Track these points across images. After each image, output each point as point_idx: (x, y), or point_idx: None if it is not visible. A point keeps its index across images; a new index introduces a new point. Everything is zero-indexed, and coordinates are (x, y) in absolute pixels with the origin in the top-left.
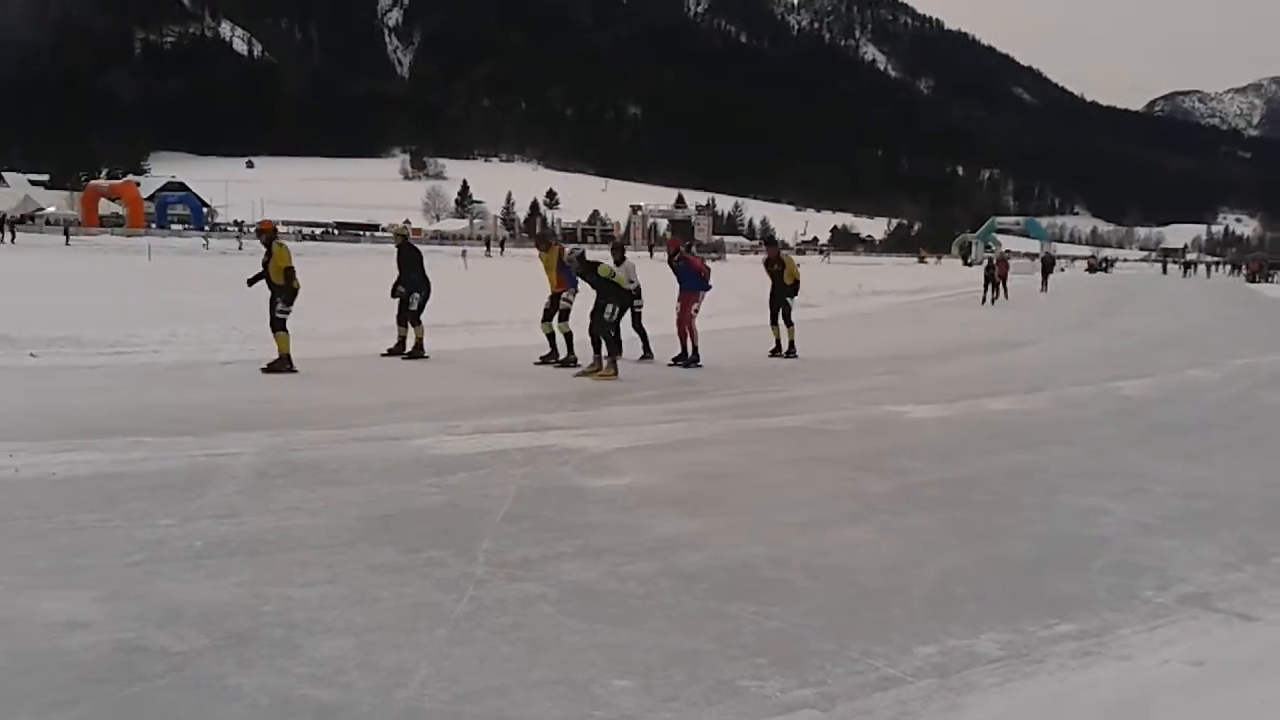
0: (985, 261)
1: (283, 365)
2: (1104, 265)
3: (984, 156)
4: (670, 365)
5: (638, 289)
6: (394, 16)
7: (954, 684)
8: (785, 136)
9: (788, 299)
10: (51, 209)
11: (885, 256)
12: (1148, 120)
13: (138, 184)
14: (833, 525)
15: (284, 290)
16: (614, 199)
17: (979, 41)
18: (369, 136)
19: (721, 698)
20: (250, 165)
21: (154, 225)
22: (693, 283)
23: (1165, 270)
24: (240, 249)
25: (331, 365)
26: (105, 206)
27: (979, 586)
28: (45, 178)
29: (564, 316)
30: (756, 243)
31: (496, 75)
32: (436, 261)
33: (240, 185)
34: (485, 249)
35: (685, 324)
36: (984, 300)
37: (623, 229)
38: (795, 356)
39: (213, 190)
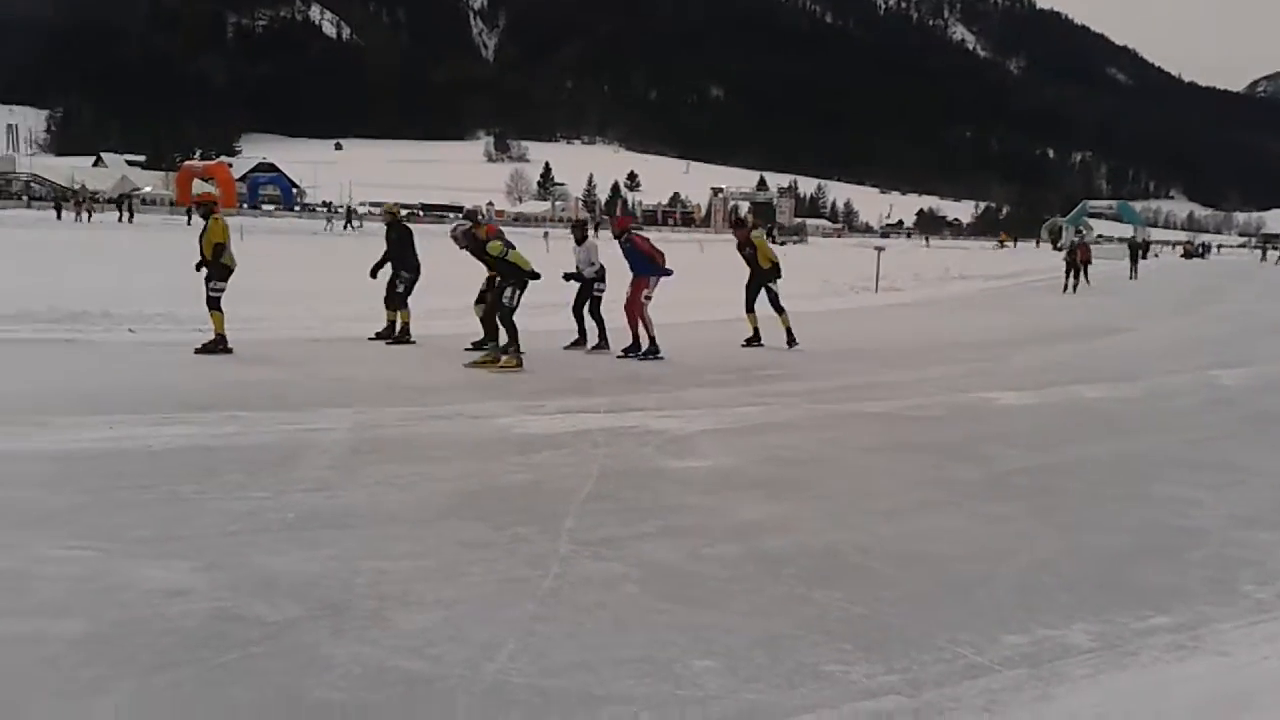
0: (1068, 246)
1: (217, 346)
2: (1200, 251)
3: (1076, 139)
4: (620, 357)
5: (600, 272)
6: (480, 0)
7: (1044, 674)
8: (870, 118)
9: (769, 284)
10: (148, 189)
11: (973, 240)
12: (1249, 101)
13: (230, 165)
14: (919, 512)
15: (214, 266)
16: (695, 181)
17: (1071, 20)
18: (454, 119)
19: (805, 681)
20: (338, 147)
21: (245, 205)
22: (644, 267)
23: (1265, 256)
24: (348, 229)
25: (409, 344)
26: (199, 187)
27: (1069, 577)
28: (142, 158)
29: None
30: (839, 226)
31: (580, 58)
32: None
33: (328, 167)
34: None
35: (635, 312)
36: (1065, 288)
37: (704, 211)
38: (796, 345)
39: (302, 171)
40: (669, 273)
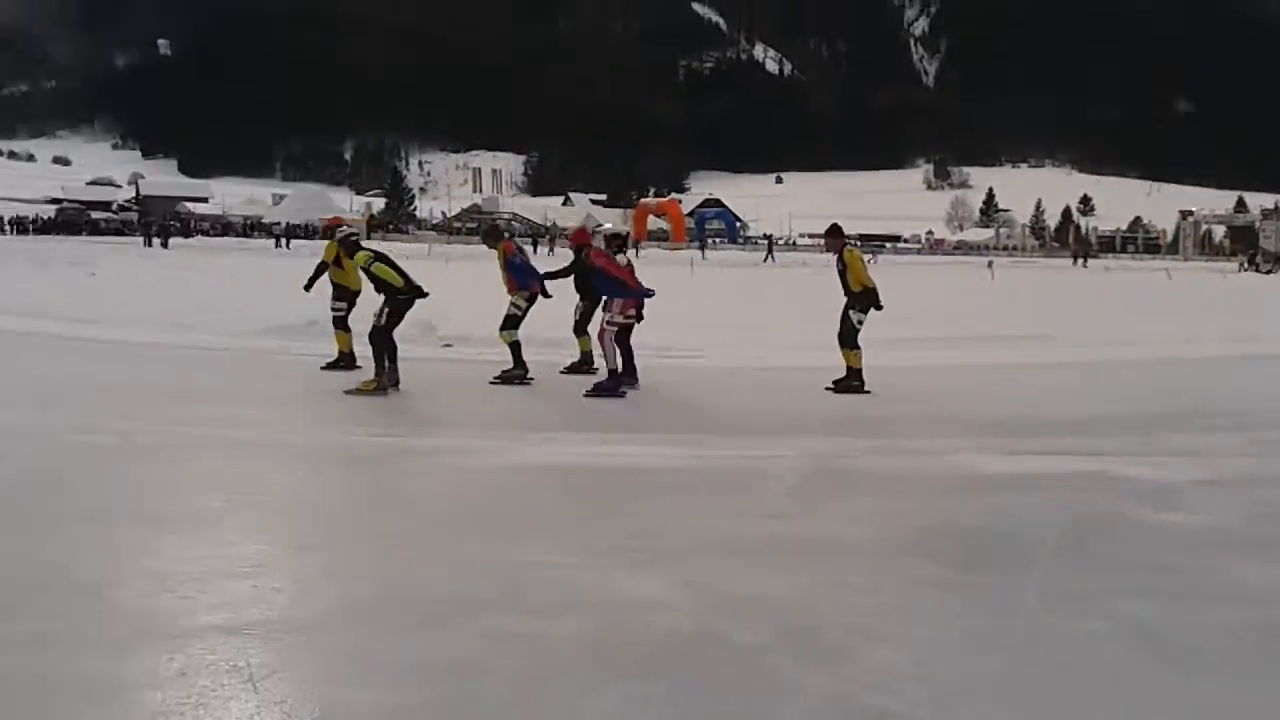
0: None
1: (338, 364)
2: None
3: None
4: (583, 388)
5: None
6: (920, 26)
7: None
8: None
9: (851, 311)
10: (608, 225)
11: None
12: None
13: (679, 201)
14: None
15: (337, 288)
16: (1159, 204)
17: None
18: (892, 147)
19: None
20: (779, 181)
21: (694, 240)
22: (610, 289)
23: None
24: (768, 260)
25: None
26: (653, 222)
27: None
28: (603, 197)
29: (510, 324)
30: None
31: (1026, 78)
32: (959, 272)
33: (770, 200)
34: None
35: (602, 339)
36: None
37: (1169, 236)
38: (860, 390)
39: (744, 206)
40: (648, 293)
